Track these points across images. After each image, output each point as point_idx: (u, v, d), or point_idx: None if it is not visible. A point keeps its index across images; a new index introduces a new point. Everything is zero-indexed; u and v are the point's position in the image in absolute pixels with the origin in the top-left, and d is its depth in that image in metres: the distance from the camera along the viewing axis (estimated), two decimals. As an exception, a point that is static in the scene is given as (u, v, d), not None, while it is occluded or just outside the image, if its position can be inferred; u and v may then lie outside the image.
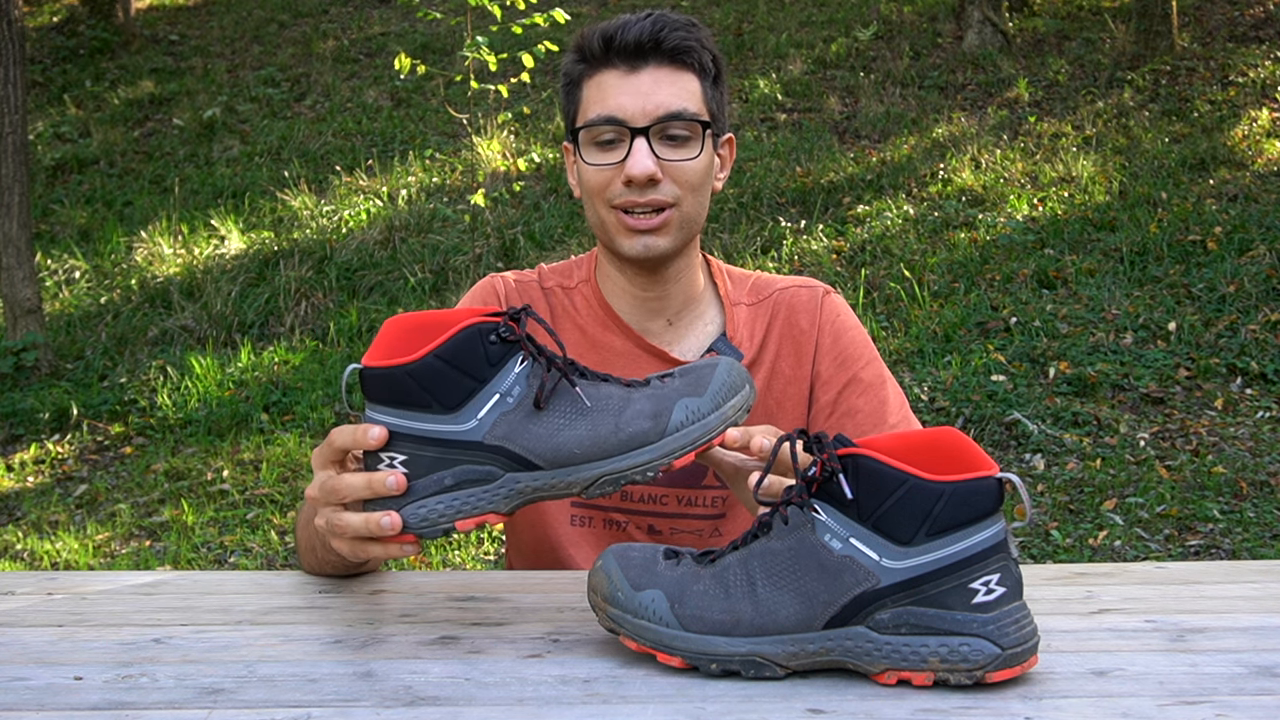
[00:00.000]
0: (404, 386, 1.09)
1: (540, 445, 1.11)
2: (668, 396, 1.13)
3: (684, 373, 1.17)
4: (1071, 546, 4.11)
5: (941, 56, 9.14)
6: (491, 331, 1.11)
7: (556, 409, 1.12)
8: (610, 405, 1.13)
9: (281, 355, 6.13)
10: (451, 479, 1.11)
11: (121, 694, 1.06)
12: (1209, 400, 5.15)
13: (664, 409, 1.13)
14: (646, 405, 1.13)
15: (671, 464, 1.13)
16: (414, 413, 1.10)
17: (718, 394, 1.15)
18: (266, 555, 4.42)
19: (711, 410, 1.14)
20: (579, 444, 1.11)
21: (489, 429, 1.10)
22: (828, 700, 1.03)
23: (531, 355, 1.13)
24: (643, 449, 1.12)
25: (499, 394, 1.11)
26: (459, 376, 1.10)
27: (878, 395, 1.57)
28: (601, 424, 1.12)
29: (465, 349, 1.10)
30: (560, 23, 5.73)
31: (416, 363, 1.09)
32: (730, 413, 1.15)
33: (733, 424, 1.16)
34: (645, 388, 1.15)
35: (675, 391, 1.14)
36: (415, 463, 1.11)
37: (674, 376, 1.16)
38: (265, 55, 10.24)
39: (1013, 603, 1.05)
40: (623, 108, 1.47)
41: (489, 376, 1.11)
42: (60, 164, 8.68)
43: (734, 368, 1.17)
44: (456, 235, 6.97)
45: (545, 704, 1.02)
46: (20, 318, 6.29)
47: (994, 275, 6.24)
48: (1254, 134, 7.52)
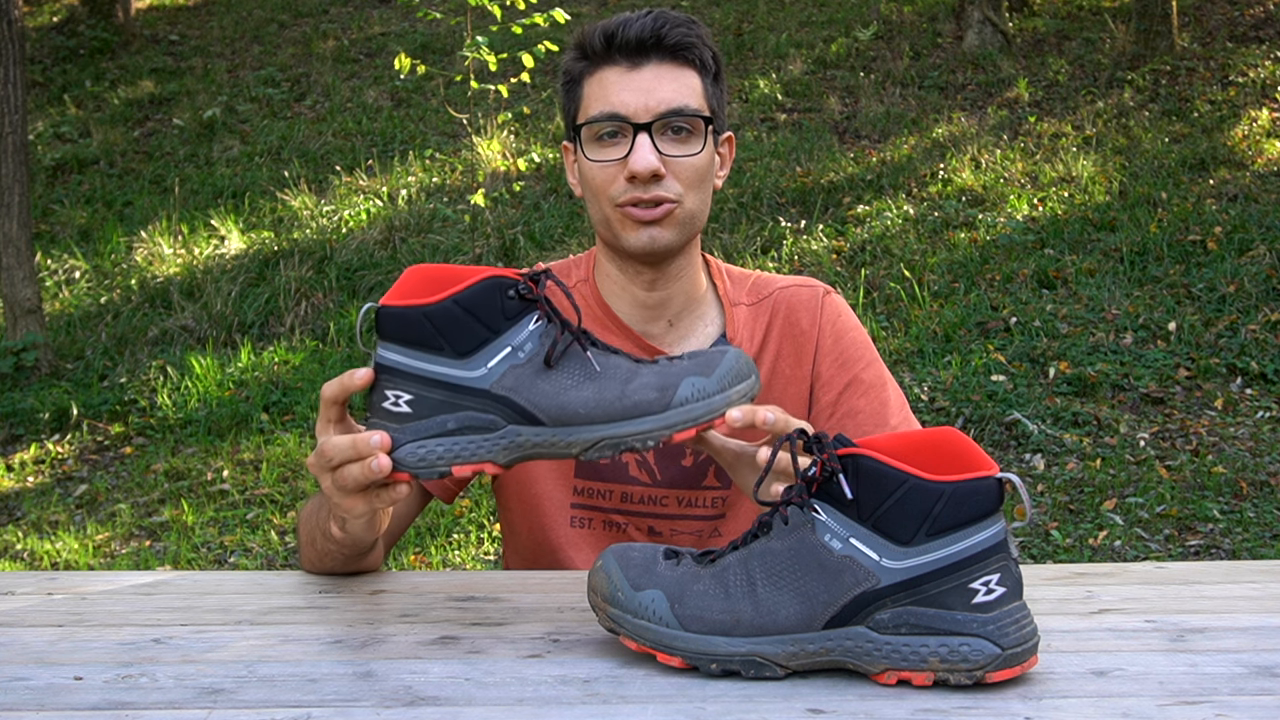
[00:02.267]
0: (419, 327, 1.11)
1: (546, 401, 1.12)
2: (675, 373, 1.15)
3: (693, 355, 1.18)
4: (1071, 546, 4.11)
5: (941, 56, 9.14)
6: (511, 287, 1.13)
7: (566, 369, 1.13)
8: (618, 373, 1.14)
9: (281, 355, 6.13)
10: (454, 423, 1.12)
11: (121, 694, 1.06)
12: (1209, 400, 5.15)
13: (670, 384, 1.14)
14: (653, 379, 1.14)
15: (672, 436, 1.13)
16: (425, 354, 1.11)
17: (724, 377, 1.16)
18: (266, 555, 4.42)
19: (717, 391, 1.15)
20: (584, 404, 1.12)
21: (497, 379, 1.12)
22: (828, 700, 1.03)
23: (547, 315, 1.14)
24: (646, 417, 1.13)
25: (511, 346, 1.12)
26: (474, 324, 1.11)
27: (879, 396, 1.56)
28: (608, 389, 1.13)
29: (483, 299, 1.11)
30: (560, 23, 5.73)
31: (434, 305, 1.11)
32: (735, 397, 1.16)
33: (735, 408, 1.17)
34: (654, 365, 1.17)
35: (683, 370, 1.16)
36: (420, 403, 1.12)
37: (683, 358, 1.18)
38: (265, 55, 10.24)
39: (1013, 603, 1.05)
40: (625, 104, 1.47)
41: (503, 329, 1.12)
42: (60, 164, 8.68)
43: (742, 357, 1.18)
44: (456, 235, 6.97)
45: (545, 704, 1.02)
46: (20, 318, 6.29)
47: (994, 275, 6.24)
48: (1254, 134, 7.52)
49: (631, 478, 1.55)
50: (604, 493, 1.56)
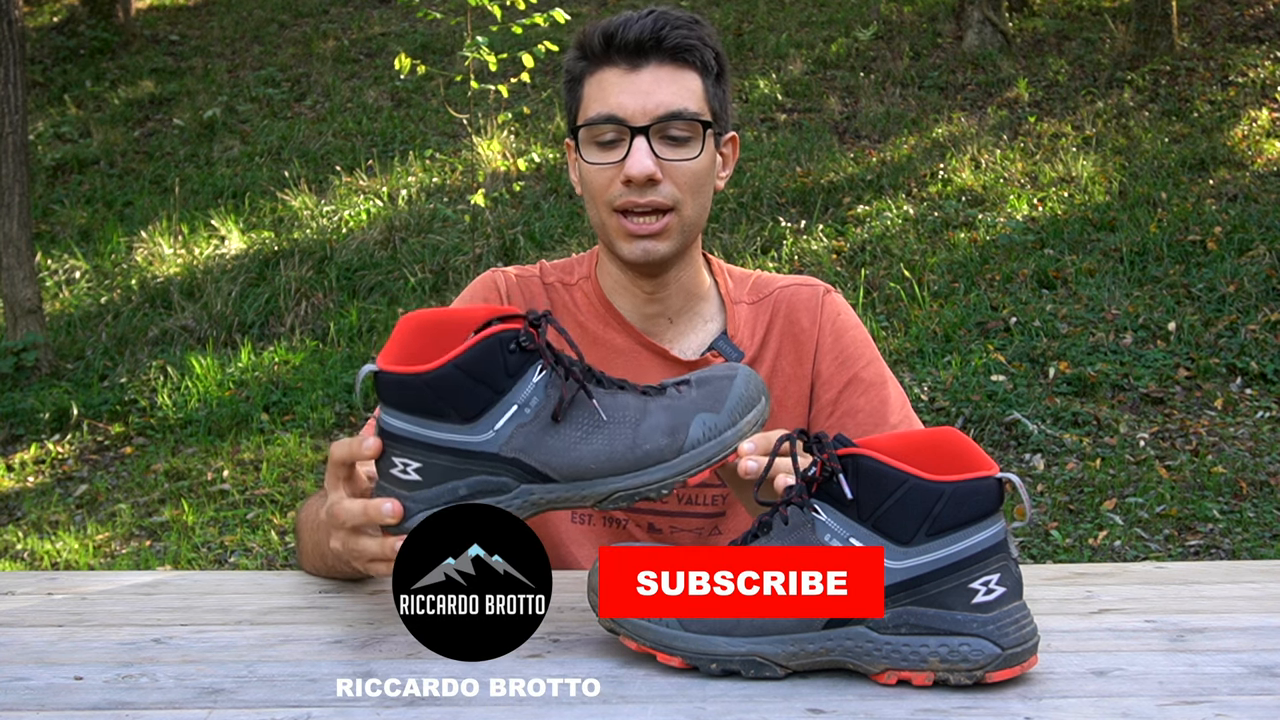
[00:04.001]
0: (421, 395, 1.08)
1: (556, 459, 1.10)
2: (684, 410, 1.12)
3: (701, 382, 1.15)
4: (1071, 546, 4.11)
5: (941, 56, 9.14)
6: (512, 340, 1.10)
7: (573, 421, 1.11)
8: (627, 417, 1.12)
9: (281, 355, 6.13)
10: (465, 489, 1.10)
11: (121, 694, 1.06)
12: (1209, 400, 5.15)
13: (681, 424, 1.11)
14: (663, 419, 1.12)
15: (686, 481, 1.12)
16: (430, 421, 1.09)
17: (735, 409, 1.14)
18: (266, 555, 4.42)
19: (728, 426, 1.13)
20: (595, 459, 1.10)
21: (506, 440, 1.09)
22: (828, 700, 1.03)
23: (550, 365, 1.11)
24: (658, 466, 1.11)
25: (517, 405, 1.10)
26: (477, 387, 1.08)
27: (879, 395, 1.56)
28: (618, 438, 1.11)
29: (485, 359, 1.08)
30: (560, 23, 5.73)
31: (435, 372, 1.07)
32: (745, 428, 1.14)
33: (746, 441, 1.15)
34: (662, 397, 1.14)
35: (692, 405, 1.13)
36: (429, 470, 1.10)
37: (690, 386, 1.15)
38: (265, 55, 10.24)
39: (1013, 603, 1.05)
40: (623, 106, 1.46)
41: (507, 388, 1.09)
42: (60, 164, 8.67)
43: (751, 379, 1.16)
44: (456, 235, 6.97)
45: (545, 704, 1.02)
46: (20, 318, 6.29)
47: (994, 275, 6.24)
48: (1254, 134, 7.52)
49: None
50: (604, 491, 1.56)
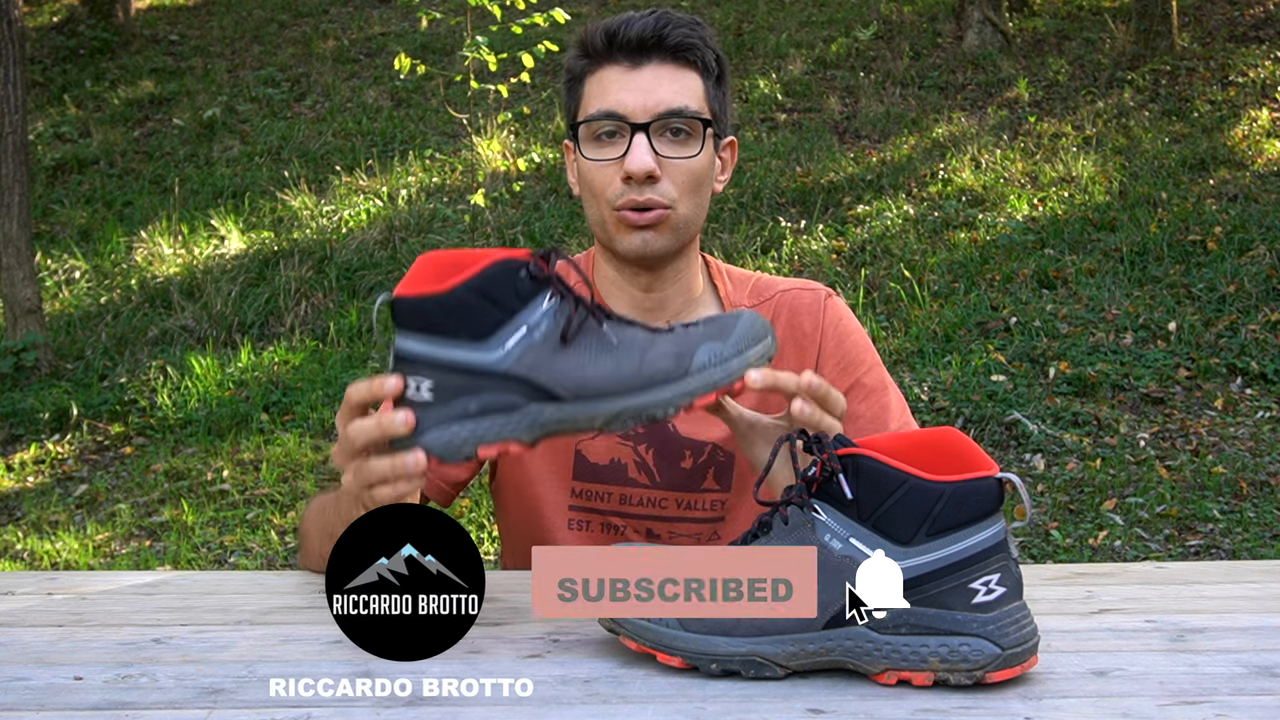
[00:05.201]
0: (434, 315, 1.11)
1: (565, 377, 1.12)
2: (691, 340, 1.15)
3: (708, 321, 1.18)
4: (1071, 546, 4.11)
5: (941, 56, 9.14)
6: (522, 267, 1.13)
7: (582, 345, 1.14)
8: (635, 344, 1.15)
9: (281, 355, 6.13)
10: (476, 406, 1.12)
11: (121, 694, 1.06)
12: (1209, 400, 5.15)
13: (687, 350, 1.14)
14: (670, 346, 1.15)
15: (693, 402, 1.14)
16: (442, 340, 1.12)
17: (741, 340, 1.16)
18: (266, 555, 4.42)
19: (734, 355, 1.15)
20: (602, 378, 1.13)
21: (515, 359, 1.12)
22: (828, 700, 1.03)
23: (560, 293, 1.15)
24: (665, 385, 1.13)
25: (526, 326, 1.13)
26: (488, 307, 1.12)
27: (880, 400, 1.56)
28: (625, 360, 1.13)
29: (495, 281, 1.12)
30: (560, 23, 5.73)
31: (447, 292, 1.11)
32: (752, 358, 1.16)
33: (753, 370, 1.17)
34: (669, 333, 1.17)
35: (699, 336, 1.16)
36: (441, 389, 1.12)
37: (698, 324, 1.18)
38: (265, 55, 10.24)
39: (1013, 603, 1.05)
40: (623, 103, 1.47)
41: (517, 309, 1.12)
42: (60, 164, 8.67)
43: (757, 319, 1.18)
44: (456, 235, 6.97)
45: (545, 704, 1.02)
46: (20, 318, 6.29)
47: (994, 275, 6.24)
48: (1254, 134, 7.52)
49: (630, 479, 1.55)
50: (602, 495, 1.55)
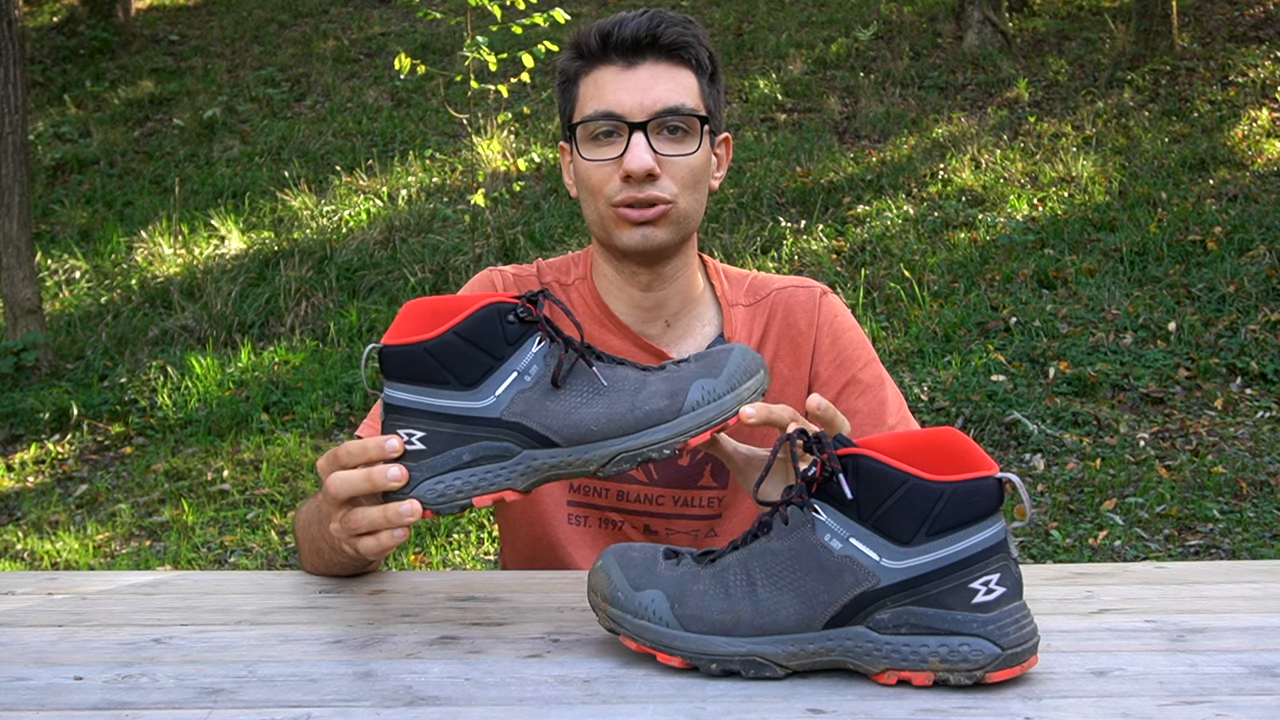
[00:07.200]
0: (423, 363, 1.11)
1: (557, 422, 1.12)
2: (684, 378, 1.15)
3: (699, 357, 1.18)
4: (1071, 546, 4.11)
5: (941, 56, 9.14)
6: (510, 311, 1.13)
7: (573, 388, 1.13)
8: (626, 385, 1.14)
9: (281, 355, 6.13)
10: (469, 455, 1.12)
11: (121, 694, 1.06)
12: (1209, 400, 5.15)
13: (680, 389, 1.14)
14: (663, 386, 1.14)
15: (687, 442, 1.13)
16: (432, 389, 1.11)
17: (733, 376, 1.15)
18: (266, 555, 4.42)
19: (727, 391, 1.15)
20: (595, 421, 1.12)
21: (506, 406, 1.12)
22: (828, 700, 1.02)
23: (549, 336, 1.14)
24: (659, 426, 1.13)
25: (517, 372, 1.12)
26: (477, 354, 1.11)
27: (876, 396, 1.57)
28: (618, 402, 1.13)
29: (484, 327, 1.12)
30: (560, 23, 5.73)
31: (435, 340, 1.11)
32: (745, 394, 1.16)
33: (747, 405, 1.17)
34: (661, 371, 1.17)
35: (691, 373, 1.15)
36: (433, 439, 1.12)
37: (689, 361, 1.18)
38: (265, 55, 10.24)
39: (1013, 603, 1.05)
40: (620, 103, 1.47)
41: (507, 355, 1.12)
42: (60, 164, 8.67)
43: (748, 353, 1.18)
44: (456, 235, 6.97)
45: (545, 704, 1.02)
46: (20, 318, 6.29)
47: (994, 275, 6.24)
48: (1254, 134, 7.52)
49: (628, 476, 1.55)
50: (600, 491, 1.56)
